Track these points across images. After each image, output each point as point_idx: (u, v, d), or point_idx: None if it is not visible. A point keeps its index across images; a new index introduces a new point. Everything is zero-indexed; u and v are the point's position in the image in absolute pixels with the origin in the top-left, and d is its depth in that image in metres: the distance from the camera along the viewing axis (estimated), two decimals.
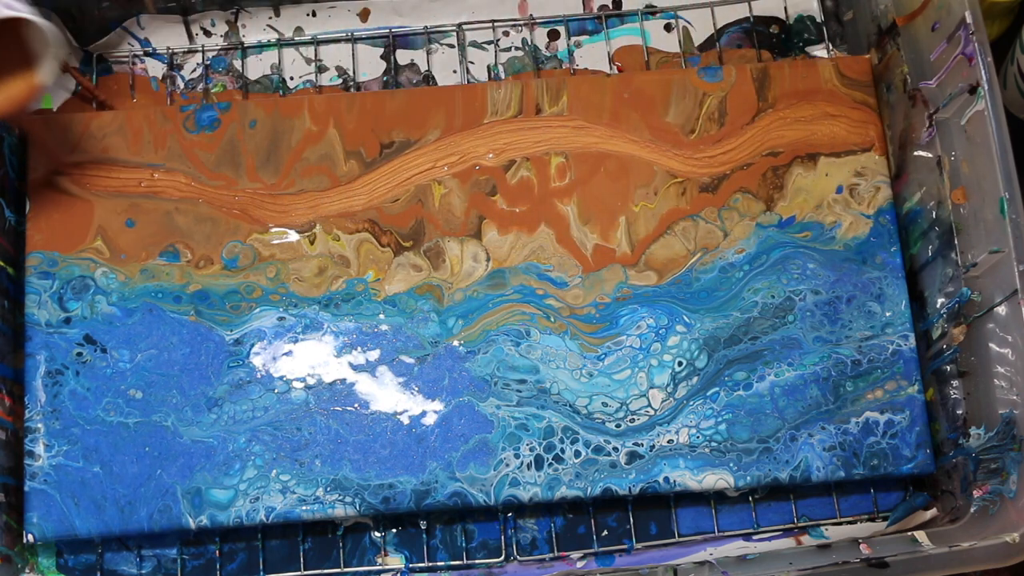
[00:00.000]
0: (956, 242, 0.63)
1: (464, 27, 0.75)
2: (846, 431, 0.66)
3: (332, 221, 0.68)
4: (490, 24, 0.76)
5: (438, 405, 0.66)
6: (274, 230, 0.68)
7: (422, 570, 0.67)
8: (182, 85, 0.74)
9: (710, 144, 0.69)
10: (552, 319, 0.67)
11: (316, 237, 0.68)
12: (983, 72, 0.60)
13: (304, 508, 0.64)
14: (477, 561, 0.67)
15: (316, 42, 0.75)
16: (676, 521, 0.68)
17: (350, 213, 0.68)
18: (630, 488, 0.65)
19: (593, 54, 0.75)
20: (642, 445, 0.65)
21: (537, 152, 0.69)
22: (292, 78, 0.75)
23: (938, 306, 0.66)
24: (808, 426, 0.66)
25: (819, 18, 0.76)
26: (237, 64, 0.75)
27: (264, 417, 0.65)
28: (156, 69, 0.75)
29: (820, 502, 0.68)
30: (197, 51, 0.75)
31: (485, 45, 0.76)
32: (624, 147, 0.69)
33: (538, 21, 0.76)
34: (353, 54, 0.75)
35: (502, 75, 0.75)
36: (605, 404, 0.66)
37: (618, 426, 0.65)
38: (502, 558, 0.67)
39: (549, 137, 0.69)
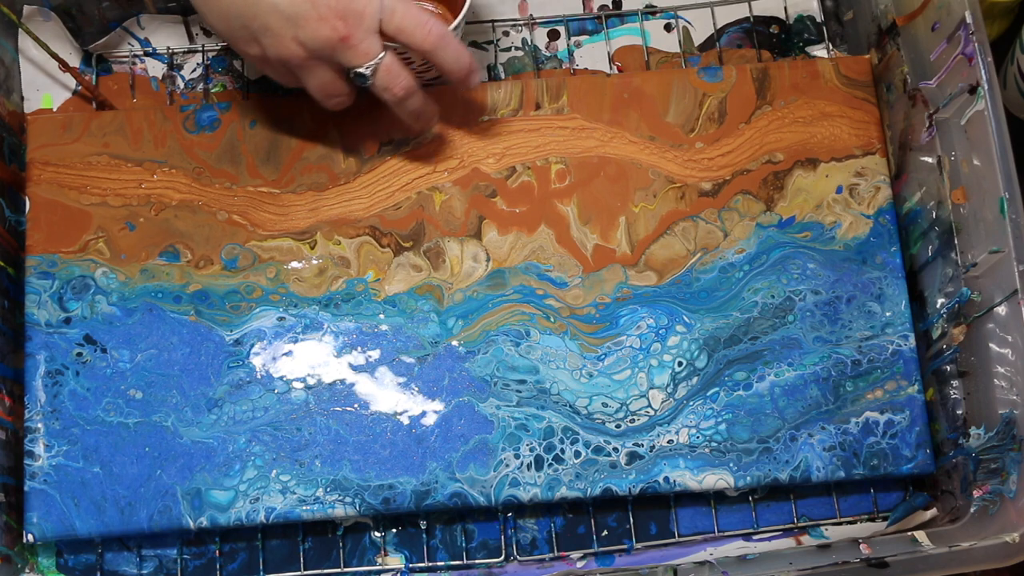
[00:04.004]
0: (956, 242, 0.63)
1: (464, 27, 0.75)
2: (846, 431, 0.66)
3: (333, 228, 0.68)
4: (490, 24, 0.75)
5: (438, 405, 0.66)
6: (274, 238, 0.68)
7: (422, 570, 0.67)
8: (182, 85, 0.74)
9: (709, 145, 0.69)
10: (552, 319, 0.67)
11: (317, 242, 0.68)
12: (983, 72, 0.60)
13: (304, 508, 0.64)
14: (477, 561, 0.67)
15: None
16: (676, 521, 0.68)
17: (351, 220, 0.68)
18: (630, 488, 0.65)
19: (593, 54, 0.75)
20: (642, 445, 0.65)
21: (536, 158, 0.69)
22: None
23: (938, 306, 0.66)
24: (808, 426, 0.66)
25: (819, 18, 0.76)
26: (237, 64, 0.75)
27: (264, 417, 0.65)
28: (156, 69, 0.75)
29: (820, 502, 0.68)
30: (197, 51, 0.75)
31: (485, 45, 0.76)
32: (624, 148, 0.69)
33: (538, 21, 0.76)
34: None
35: (502, 75, 0.75)
36: (605, 404, 0.66)
37: (618, 426, 0.65)
38: (502, 558, 0.67)
39: (549, 141, 0.69)
